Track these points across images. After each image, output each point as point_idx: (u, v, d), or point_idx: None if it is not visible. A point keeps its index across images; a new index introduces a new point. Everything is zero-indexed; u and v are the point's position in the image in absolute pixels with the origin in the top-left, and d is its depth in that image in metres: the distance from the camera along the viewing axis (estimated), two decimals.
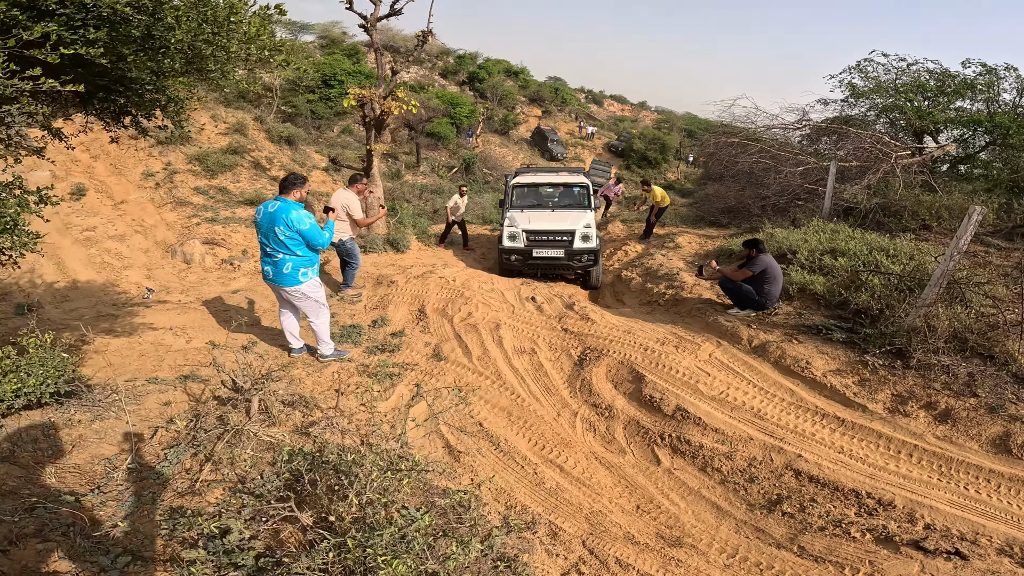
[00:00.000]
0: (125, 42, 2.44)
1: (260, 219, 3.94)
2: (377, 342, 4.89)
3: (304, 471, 1.82)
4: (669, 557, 2.74)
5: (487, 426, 3.74)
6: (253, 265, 8.33)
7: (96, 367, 4.38)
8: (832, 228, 7.33)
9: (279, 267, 3.93)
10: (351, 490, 1.68)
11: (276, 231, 3.81)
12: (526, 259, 7.53)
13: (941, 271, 4.37)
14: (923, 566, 2.57)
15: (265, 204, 3.95)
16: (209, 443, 2.32)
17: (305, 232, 3.87)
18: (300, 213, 3.85)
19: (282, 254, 3.90)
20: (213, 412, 2.57)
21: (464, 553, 1.55)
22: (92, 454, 2.76)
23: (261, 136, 15.84)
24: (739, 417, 3.83)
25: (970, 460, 3.29)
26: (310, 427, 2.39)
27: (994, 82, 11.10)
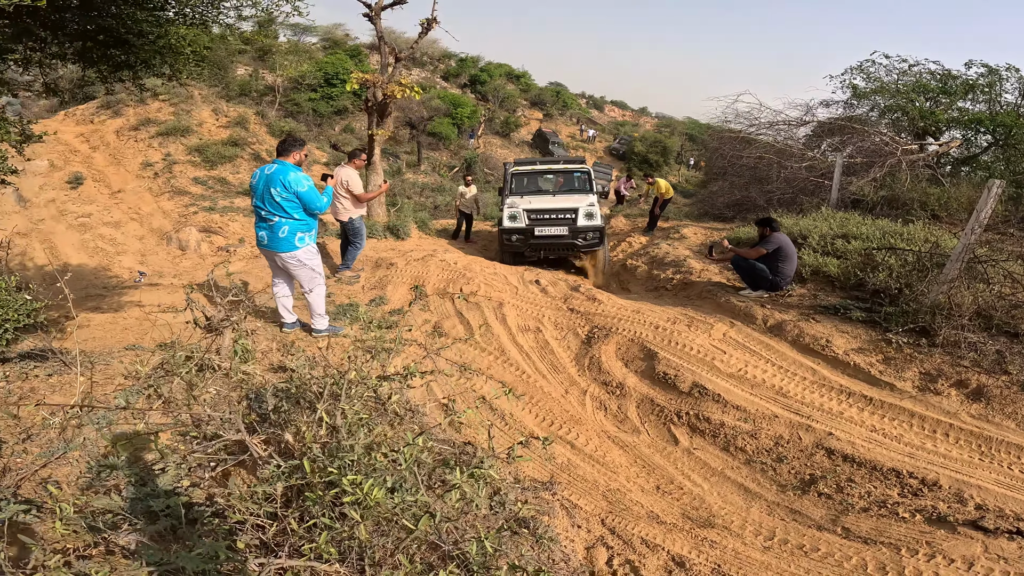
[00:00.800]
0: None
1: (256, 182, 3.75)
2: (375, 319, 4.68)
3: (274, 404, 1.60)
4: (701, 538, 2.52)
5: (495, 404, 3.53)
6: (249, 250, 8.14)
7: (79, 340, 4.18)
8: (842, 216, 7.17)
9: (275, 231, 3.73)
10: (319, 407, 1.42)
11: (272, 192, 3.63)
12: (528, 239, 7.09)
13: (963, 245, 4.19)
14: (986, 546, 2.35)
15: (262, 168, 3.78)
16: (166, 384, 2.08)
17: (303, 194, 3.69)
18: (298, 175, 3.68)
19: (278, 217, 3.71)
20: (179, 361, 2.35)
21: (473, 489, 1.31)
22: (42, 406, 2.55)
23: (262, 130, 15.71)
24: (761, 395, 3.62)
25: (1010, 439, 3.08)
26: (289, 362, 2.14)
27: (996, 83, 11.02)
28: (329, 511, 1.23)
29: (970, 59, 11.87)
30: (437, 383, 3.63)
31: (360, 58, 29.53)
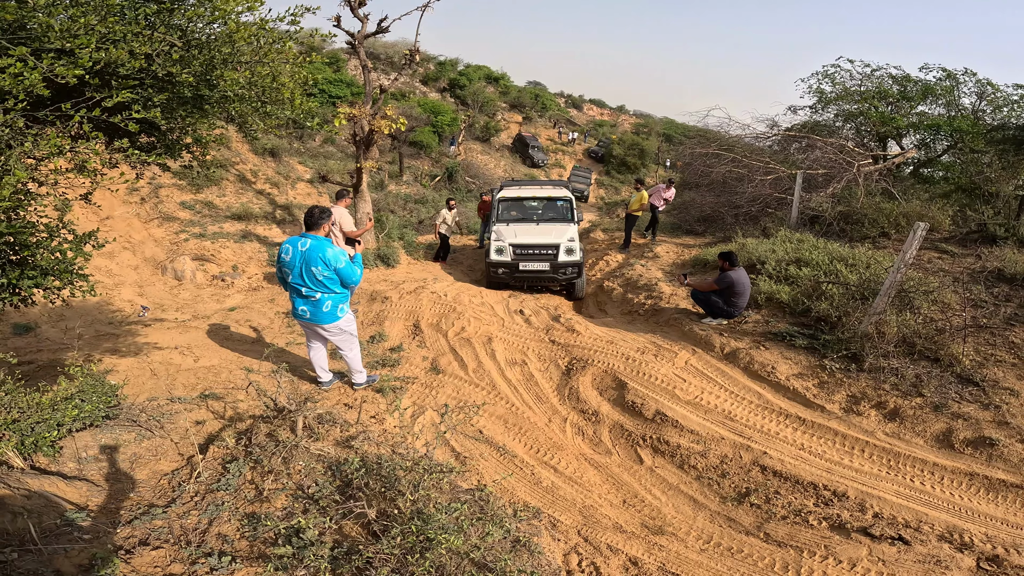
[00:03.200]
0: (180, 103, 2.71)
1: (290, 258, 3.75)
2: (377, 357, 5.18)
3: (354, 477, 2.13)
4: (652, 543, 3.11)
5: (487, 433, 4.08)
6: (246, 282, 8.53)
7: None
8: (798, 238, 7.83)
9: (318, 306, 3.83)
10: (406, 488, 2.01)
11: (314, 271, 3.69)
12: (513, 272, 7.87)
13: (890, 282, 4.85)
14: (870, 550, 2.98)
15: (291, 241, 3.77)
16: (266, 457, 2.61)
17: (342, 271, 3.76)
18: (335, 251, 3.74)
19: (320, 293, 3.80)
20: (260, 430, 2.85)
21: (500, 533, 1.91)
22: (152, 470, 3.01)
23: (244, 148, 15.89)
24: (712, 419, 4.24)
25: (916, 454, 3.73)
26: (350, 440, 2.68)
27: (953, 87, 11.49)
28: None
29: (926, 63, 12.29)
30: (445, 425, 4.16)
31: (338, 65, 29.62)
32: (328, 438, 2.85)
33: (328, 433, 2.88)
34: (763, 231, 9.45)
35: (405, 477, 2.07)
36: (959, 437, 3.79)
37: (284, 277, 3.90)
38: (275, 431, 2.64)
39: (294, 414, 2.76)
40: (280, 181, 13.91)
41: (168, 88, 2.65)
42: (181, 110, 2.76)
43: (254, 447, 2.64)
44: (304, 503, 2.13)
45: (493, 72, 41.38)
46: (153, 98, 2.52)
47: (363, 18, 9.57)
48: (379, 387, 4.53)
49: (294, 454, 2.48)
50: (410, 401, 4.36)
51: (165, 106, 2.65)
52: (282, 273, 3.90)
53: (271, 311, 6.61)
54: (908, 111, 12.02)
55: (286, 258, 3.79)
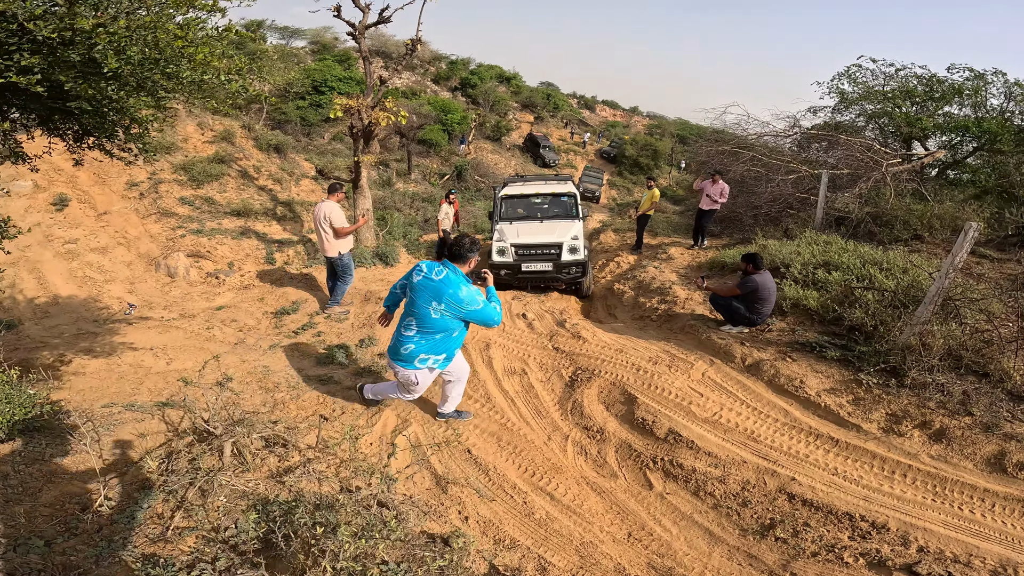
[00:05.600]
0: (63, 68, 2.29)
1: (418, 282, 3.18)
2: (364, 363, 4.77)
3: (278, 524, 1.72)
4: None
5: (476, 453, 3.63)
6: (238, 279, 8.18)
7: (74, 390, 4.25)
8: (825, 240, 7.29)
9: (402, 343, 3.26)
10: (342, 541, 1.57)
11: (432, 306, 3.11)
12: (516, 273, 7.52)
13: (936, 289, 4.32)
14: None
15: (427, 267, 3.18)
16: (181, 488, 2.20)
17: (477, 313, 3.14)
18: (470, 290, 3.13)
19: (416, 331, 3.22)
20: (185, 454, 2.44)
21: None
22: (63, 491, 2.63)
23: (249, 144, 15.66)
24: (732, 439, 3.75)
25: (965, 480, 3.24)
26: (286, 474, 2.27)
27: (981, 87, 11.01)
28: None
29: (952, 63, 11.81)
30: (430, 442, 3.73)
31: (349, 63, 29.48)
32: (262, 469, 2.42)
33: (264, 463, 2.45)
34: (785, 232, 8.91)
35: (345, 524, 1.64)
36: (1012, 460, 3.28)
37: (396, 301, 3.50)
38: (198, 457, 2.22)
39: (221, 439, 2.34)
40: (284, 177, 13.63)
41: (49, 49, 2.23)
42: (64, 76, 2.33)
43: (170, 474, 2.22)
44: (217, 548, 1.71)
45: (505, 72, 41.06)
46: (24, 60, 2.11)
47: (364, 8, 9.21)
48: None
49: (213, 486, 2.05)
50: (394, 414, 3.94)
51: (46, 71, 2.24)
52: (401, 293, 3.46)
53: (259, 311, 6.25)
54: (934, 112, 11.53)
55: (415, 277, 3.21)
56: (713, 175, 8.82)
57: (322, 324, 5.71)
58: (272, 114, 21.79)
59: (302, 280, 7.14)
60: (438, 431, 3.77)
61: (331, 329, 5.58)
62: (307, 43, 33.74)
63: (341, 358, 4.82)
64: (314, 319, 5.88)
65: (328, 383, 4.36)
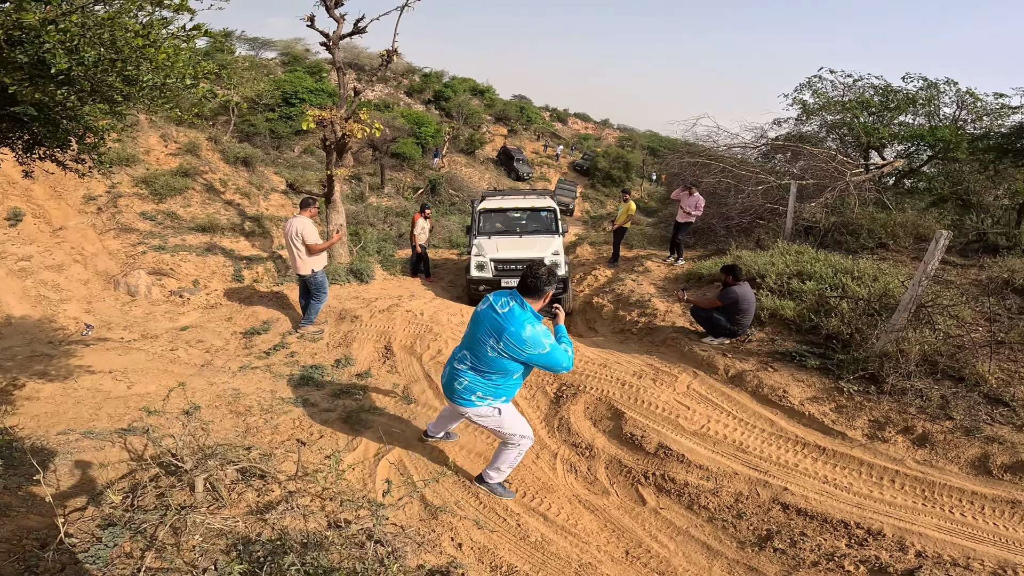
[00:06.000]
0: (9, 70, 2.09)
1: (481, 311, 2.81)
2: (341, 384, 4.58)
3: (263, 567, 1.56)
4: None
5: (463, 476, 3.50)
6: (204, 298, 7.85)
7: (28, 416, 3.93)
8: (796, 249, 7.45)
9: (456, 377, 2.91)
10: None
11: (491, 343, 2.71)
12: (495, 289, 7.30)
13: (910, 296, 4.42)
14: None
15: (494, 297, 2.81)
16: (150, 527, 2.01)
17: (542, 358, 2.71)
18: (535, 331, 2.68)
19: (470, 365, 2.86)
20: (152, 488, 2.24)
21: None
22: (19, 526, 2.40)
23: (215, 157, 15.20)
24: (722, 451, 3.72)
25: (952, 483, 3.28)
26: (266, 510, 2.10)
27: (934, 96, 11.31)
28: None
29: (908, 72, 12.02)
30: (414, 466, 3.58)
31: (321, 75, 29.15)
32: (239, 504, 2.25)
33: (241, 497, 2.28)
34: (757, 243, 9.08)
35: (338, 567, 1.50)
36: (996, 463, 3.34)
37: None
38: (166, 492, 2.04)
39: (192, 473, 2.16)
40: (252, 192, 13.25)
41: None
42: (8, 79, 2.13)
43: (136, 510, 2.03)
44: None
45: (478, 85, 41.28)
46: None
47: (339, 18, 9.08)
48: (344, 417, 3.94)
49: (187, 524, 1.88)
50: (375, 437, 3.77)
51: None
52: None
53: (227, 331, 5.97)
54: (890, 121, 11.83)
55: (480, 307, 2.87)
56: (689, 187, 8.82)
57: (295, 344, 5.49)
58: (240, 126, 21.29)
59: (273, 298, 6.88)
60: (422, 455, 3.63)
61: (305, 349, 5.37)
62: (277, 54, 33.25)
63: (317, 379, 4.62)
64: (287, 339, 5.65)
65: (304, 405, 4.16)
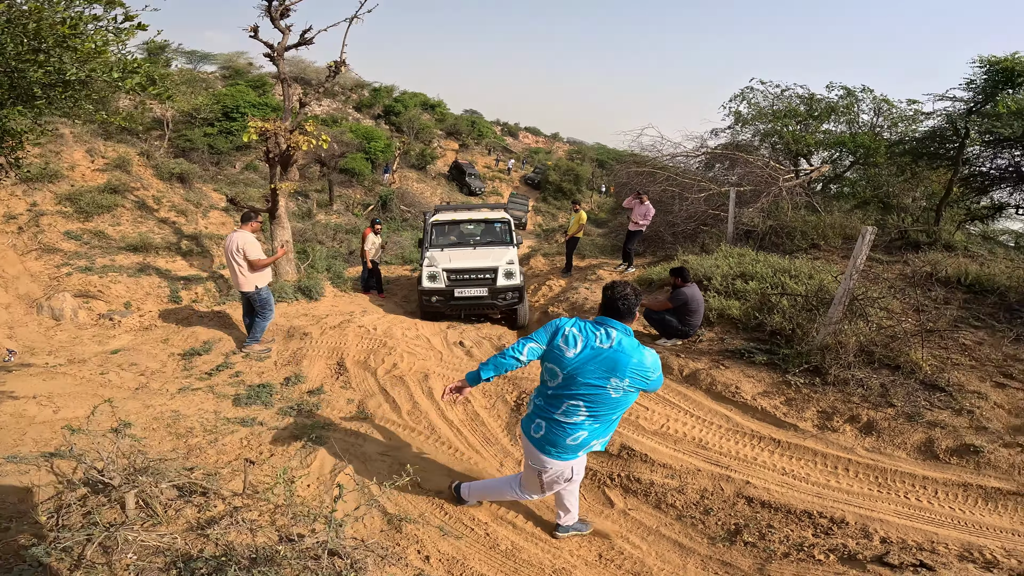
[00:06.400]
0: None
1: (576, 353, 2.34)
2: (292, 402, 4.36)
3: None
4: None
5: (428, 487, 3.38)
6: (136, 320, 7.32)
7: None
8: (738, 252, 7.81)
9: (568, 433, 2.44)
10: None
11: (612, 383, 2.32)
12: (448, 300, 7.18)
13: (843, 290, 4.70)
14: None
15: (582, 327, 2.39)
16: (76, 545, 1.80)
17: (654, 383, 2.43)
18: (654, 354, 2.40)
19: (586, 416, 2.42)
20: (78, 507, 2.01)
21: None
22: None
23: (148, 173, 14.37)
24: (683, 449, 3.78)
25: (903, 469, 3.43)
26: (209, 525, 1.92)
27: (853, 104, 11.93)
28: None
29: (831, 81, 12.68)
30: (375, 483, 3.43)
31: (264, 89, 28.23)
32: (178, 521, 2.07)
33: (179, 514, 2.10)
34: (702, 247, 9.44)
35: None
36: (942, 447, 3.54)
37: (545, 378, 2.49)
38: (94, 511, 1.85)
39: (120, 489, 1.97)
40: (189, 209, 12.58)
41: None
42: None
43: (61, 529, 1.83)
44: None
45: (429, 99, 41.20)
46: None
47: (284, 29, 8.83)
48: (295, 435, 3.74)
49: (118, 541, 1.70)
50: (331, 453, 3.59)
51: None
52: (549, 368, 2.46)
53: (163, 353, 5.58)
54: (815, 129, 12.40)
55: (567, 350, 2.36)
56: (640, 195, 9.02)
57: (240, 364, 5.19)
58: (176, 141, 20.24)
59: (214, 318, 6.50)
60: (382, 467, 3.48)
61: (251, 368, 5.08)
62: (218, 68, 31.97)
63: (265, 398, 4.38)
64: (231, 359, 5.34)
65: (252, 425, 3.93)
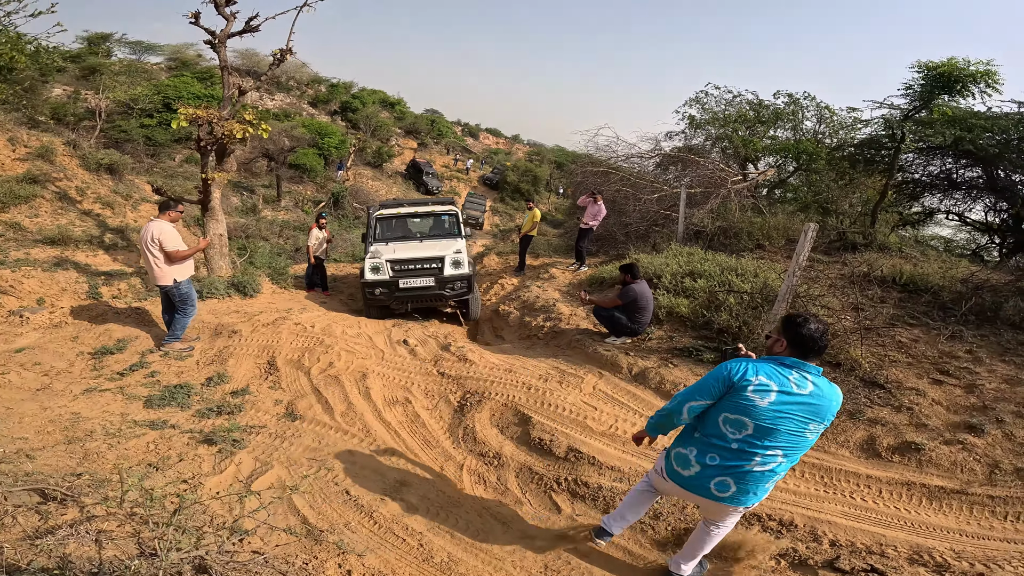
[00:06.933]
0: None
1: (769, 403, 2.00)
2: (212, 403, 3.99)
3: None
4: None
5: (356, 493, 3.12)
6: (46, 317, 6.66)
7: None
8: (688, 251, 7.88)
9: (767, 478, 2.16)
10: None
11: (811, 428, 2.05)
12: (392, 291, 6.80)
13: (787, 286, 4.74)
14: None
15: (772, 377, 2.01)
16: None
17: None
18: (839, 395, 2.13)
19: (782, 460, 2.12)
20: None
21: None
22: None
23: (73, 163, 13.30)
24: (632, 451, 3.66)
25: (847, 468, 3.42)
26: (47, 535, 1.61)
27: (798, 111, 12.26)
28: None
29: (778, 89, 13.06)
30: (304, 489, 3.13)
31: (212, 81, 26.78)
32: (13, 530, 1.75)
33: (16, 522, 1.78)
34: (653, 247, 9.51)
35: None
36: (883, 444, 3.57)
37: (725, 431, 2.11)
38: None
39: None
40: (117, 201, 11.68)
41: None
42: None
43: None
44: None
45: (389, 97, 40.30)
46: None
47: (229, 16, 8.28)
48: (209, 439, 3.40)
49: None
50: (251, 457, 3.27)
51: None
52: (732, 420, 2.08)
53: (72, 351, 5.05)
54: (762, 135, 12.75)
55: (759, 400, 2.00)
56: (594, 194, 8.99)
57: (158, 363, 4.74)
58: (110, 132, 18.87)
59: (131, 315, 5.96)
60: (307, 473, 3.19)
61: (169, 368, 4.65)
62: (164, 59, 30.13)
63: (182, 399, 3.99)
64: (147, 358, 4.88)
65: (162, 428, 3.56)
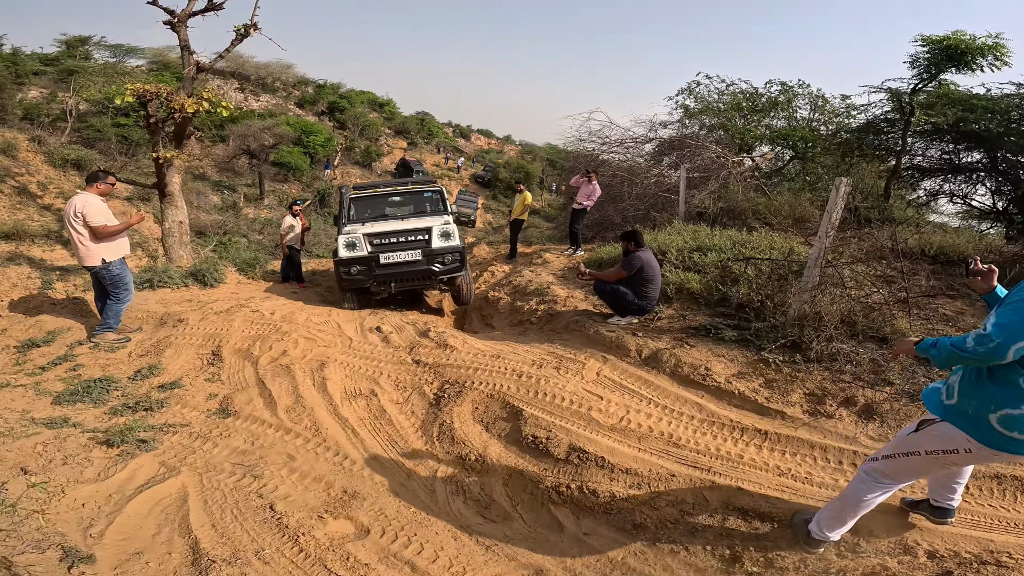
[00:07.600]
0: None
1: None
2: (133, 399, 3.26)
3: None
4: None
5: (284, 509, 2.38)
6: None
7: None
8: (692, 228, 7.22)
9: None
10: None
11: None
12: (372, 269, 5.76)
13: (818, 250, 4.05)
14: None
15: None
16: None
17: None
18: None
19: None
20: None
21: None
22: None
23: (38, 159, 12.57)
24: (650, 448, 2.94)
25: None
26: None
27: (792, 100, 11.91)
28: None
29: (771, 78, 12.69)
30: (209, 499, 2.40)
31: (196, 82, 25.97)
32: None
33: None
34: (654, 227, 8.87)
35: None
36: None
37: None
38: None
39: None
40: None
41: None
42: None
43: None
44: None
45: (378, 98, 39.62)
46: None
47: None
48: (108, 439, 2.67)
49: None
50: (155, 460, 2.55)
51: None
52: None
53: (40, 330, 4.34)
54: (758, 124, 12.38)
55: None
56: (589, 173, 8.34)
57: (85, 356, 4.03)
58: (83, 131, 18.09)
59: (68, 306, 5.22)
60: (227, 482, 2.46)
61: (95, 361, 3.94)
62: (146, 62, 29.30)
63: (97, 395, 3.27)
64: (75, 350, 4.17)
65: (61, 427, 2.87)
